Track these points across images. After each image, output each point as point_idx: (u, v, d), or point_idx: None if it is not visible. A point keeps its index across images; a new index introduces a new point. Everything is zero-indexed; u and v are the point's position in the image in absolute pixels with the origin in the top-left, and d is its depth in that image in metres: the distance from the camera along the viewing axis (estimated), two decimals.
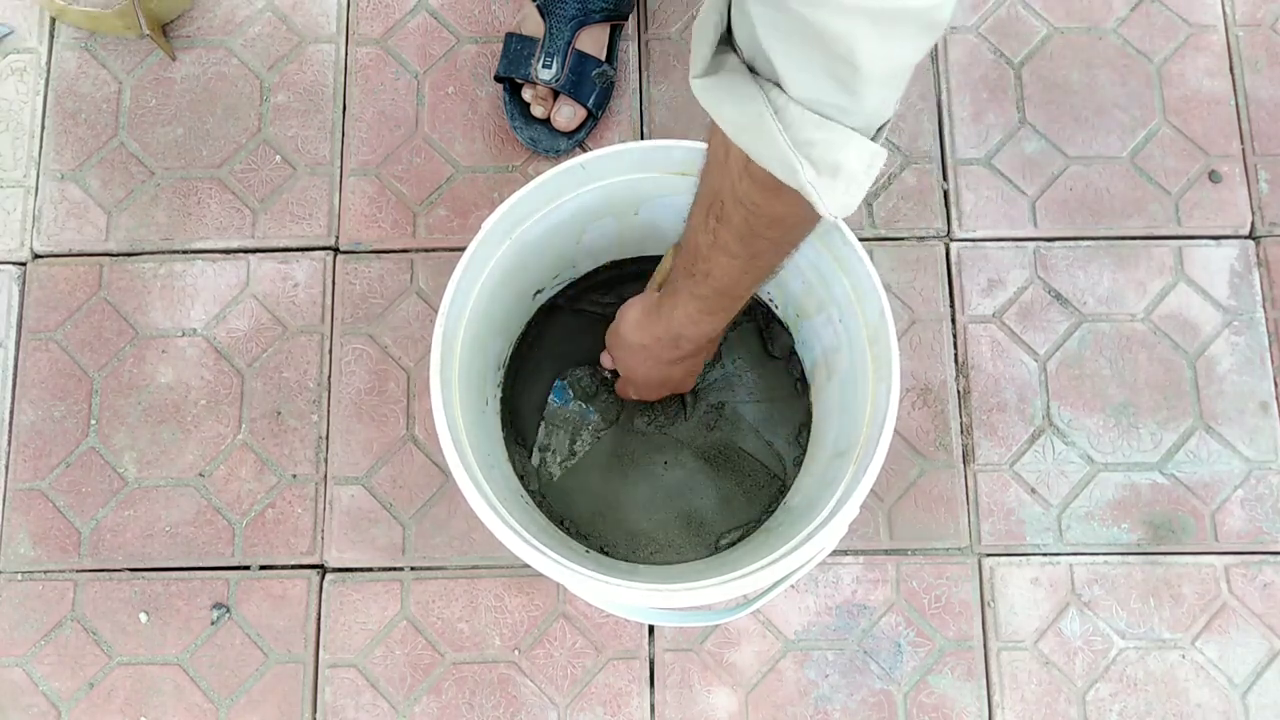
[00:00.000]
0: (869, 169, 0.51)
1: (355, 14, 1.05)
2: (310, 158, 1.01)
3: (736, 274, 0.64)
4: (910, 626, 0.91)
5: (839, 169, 0.50)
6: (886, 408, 0.69)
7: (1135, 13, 1.04)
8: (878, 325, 0.72)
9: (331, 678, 0.91)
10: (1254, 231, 0.99)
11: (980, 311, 0.97)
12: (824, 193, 0.51)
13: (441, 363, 0.71)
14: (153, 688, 0.91)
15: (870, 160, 0.51)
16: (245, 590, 0.93)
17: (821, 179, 0.50)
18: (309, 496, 0.94)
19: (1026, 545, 0.93)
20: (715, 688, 0.90)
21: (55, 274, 0.99)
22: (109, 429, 0.96)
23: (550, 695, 0.90)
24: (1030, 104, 1.02)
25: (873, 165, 0.51)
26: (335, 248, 1.00)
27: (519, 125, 0.99)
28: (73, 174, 1.02)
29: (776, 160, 0.51)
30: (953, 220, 0.99)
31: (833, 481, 0.73)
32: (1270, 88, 1.02)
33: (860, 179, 0.51)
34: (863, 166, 0.50)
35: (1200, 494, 0.94)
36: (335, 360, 0.97)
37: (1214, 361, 0.96)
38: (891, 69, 0.46)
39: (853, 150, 0.49)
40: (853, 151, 0.50)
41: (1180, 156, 1.01)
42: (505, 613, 0.92)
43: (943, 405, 0.95)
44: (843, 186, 0.51)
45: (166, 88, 1.04)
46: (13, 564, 0.94)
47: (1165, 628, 0.91)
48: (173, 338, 0.98)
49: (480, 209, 0.99)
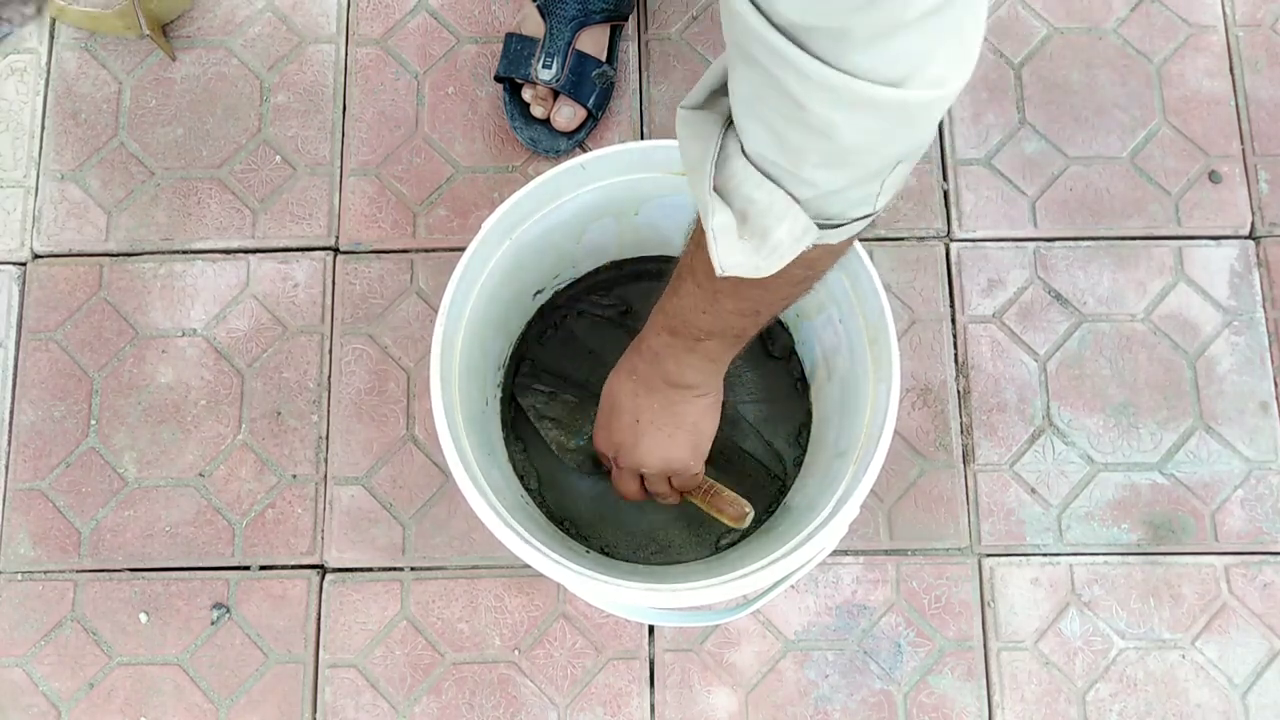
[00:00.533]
0: (796, 243, 0.50)
1: (355, 14, 1.05)
2: (310, 158, 1.01)
3: (745, 326, 0.63)
4: (910, 626, 0.91)
5: (767, 234, 0.50)
6: (887, 408, 0.69)
7: (1135, 13, 1.04)
8: (878, 325, 0.72)
9: (331, 678, 0.91)
10: (1254, 231, 0.99)
11: (980, 311, 0.97)
12: (725, 246, 0.51)
13: (441, 363, 0.71)
14: (153, 688, 0.91)
15: (801, 235, 0.50)
16: (245, 590, 0.93)
17: (742, 235, 0.50)
18: (309, 496, 0.94)
19: (1026, 545, 0.93)
20: (715, 688, 0.90)
21: (55, 274, 1.00)
22: (109, 429, 0.96)
23: (550, 695, 0.90)
24: (1030, 104, 1.02)
25: (802, 241, 0.50)
26: (335, 248, 1.00)
27: (519, 125, 0.99)
28: (73, 174, 1.02)
29: (699, 201, 0.51)
30: (953, 220, 0.99)
31: (833, 481, 0.73)
32: (1270, 88, 1.02)
33: (784, 251, 0.51)
34: (791, 240, 0.50)
35: (1200, 494, 0.94)
36: (335, 360, 0.97)
37: (1214, 361, 0.96)
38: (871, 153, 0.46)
39: (788, 222, 0.49)
40: (787, 223, 0.49)
41: (1180, 156, 1.01)
42: (505, 613, 0.92)
43: (943, 405, 0.95)
44: (759, 248, 0.50)
45: (166, 88, 1.04)
46: (13, 564, 0.94)
47: (1165, 628, 0.91)
48: (173, 338, 0.98)
49: (480, 209, 0.99)
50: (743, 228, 0.50)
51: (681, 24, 1.04)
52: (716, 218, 0.50)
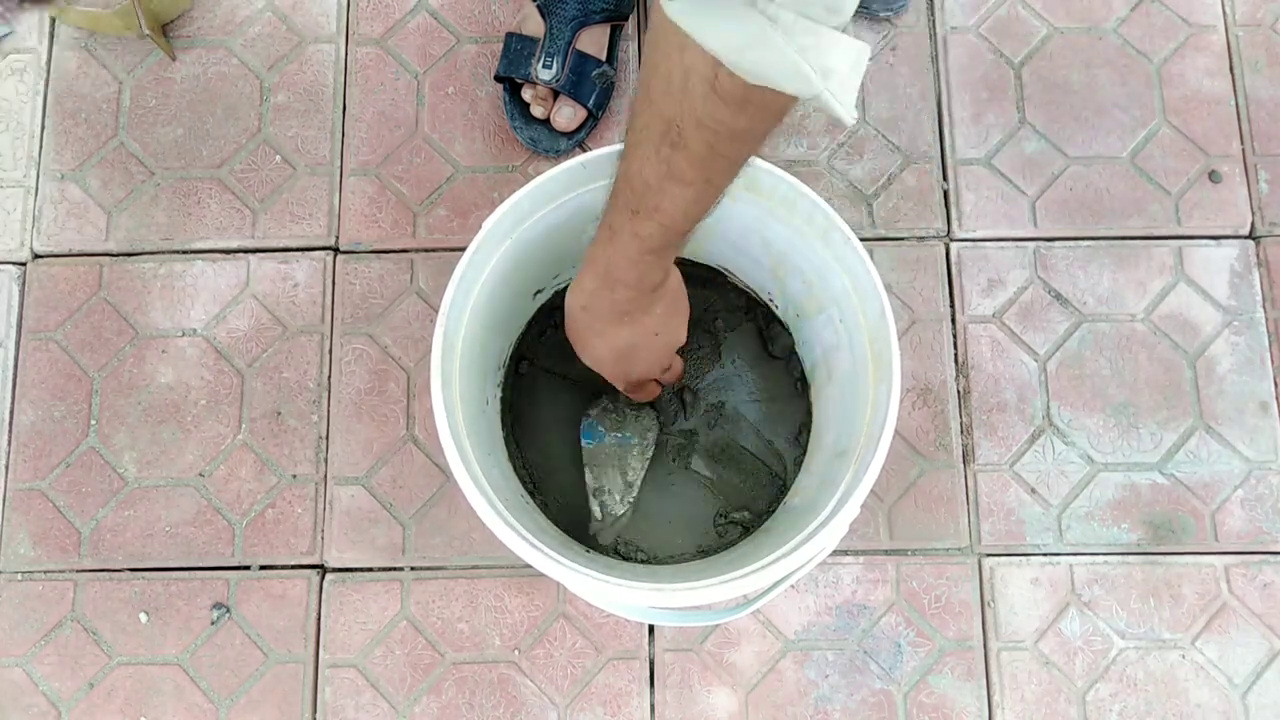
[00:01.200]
0: (855, 67, 0.50)
1: (355, 14, 1.05)
2: (310, 158, 1.01)
3: (689, 202, 0.61)
4: (910, 626, 0.91)
5: (830, 72, 0.49)
6: (887, 408, 0.69)
7: (1135, 13, 1.04)
8: (878, 325, 0.72)
9: (331, 678, 0.91)
10: (1254, 231, 0.99)
11: (980, 311, 0.97)
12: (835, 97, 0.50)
13: (442, 362, 0.71)
14: (153, 688, 0.91)
15: (856, 58, 0.50)
16: (245, 590, 0.93)
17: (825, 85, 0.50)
18: (309, 496, 0.94)
19: (1026, 545, 0.93)
20: (715, 688, 0.90)
21: (55, 274, 0.99)
22: (109, 429, 0.96)
23: (550, 695, 0.90)
24: (1030, 104, 1.02)
25: (859, 63, 0.50)
26: (335, 248, 1.00)
27: (519, 125, 0.99)
28: (73, 174, 1.02)
29: (785, 72, 0.49)
30: (953, 220, 0.99)
31: (833, 481, 0.73)
32: (1270, 88, 1.02)
33: (849, 79, 0.51)
34: (849, 66, 0.50)
35: (1200, 494, 0.94)
36: (335, 360, 0.97)
37: (1214, 361, 0.96)
38: None
39: (839, 51, 0.49)
40: (839, 52, 0.49)
41: (1180, 156, 1.01)
42: (505, 613, 0.92)
43: (943, 405, 0.95)
44: (838, 88, 0.50)
45: (166, 88, 1.04)
46: (13, 564, 0.94)
47: (1165, 628, 0.91)
48: (173, 338, 0.98)
49: (480, 209, 0.99)
50: None
51: None
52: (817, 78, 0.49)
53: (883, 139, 1.01)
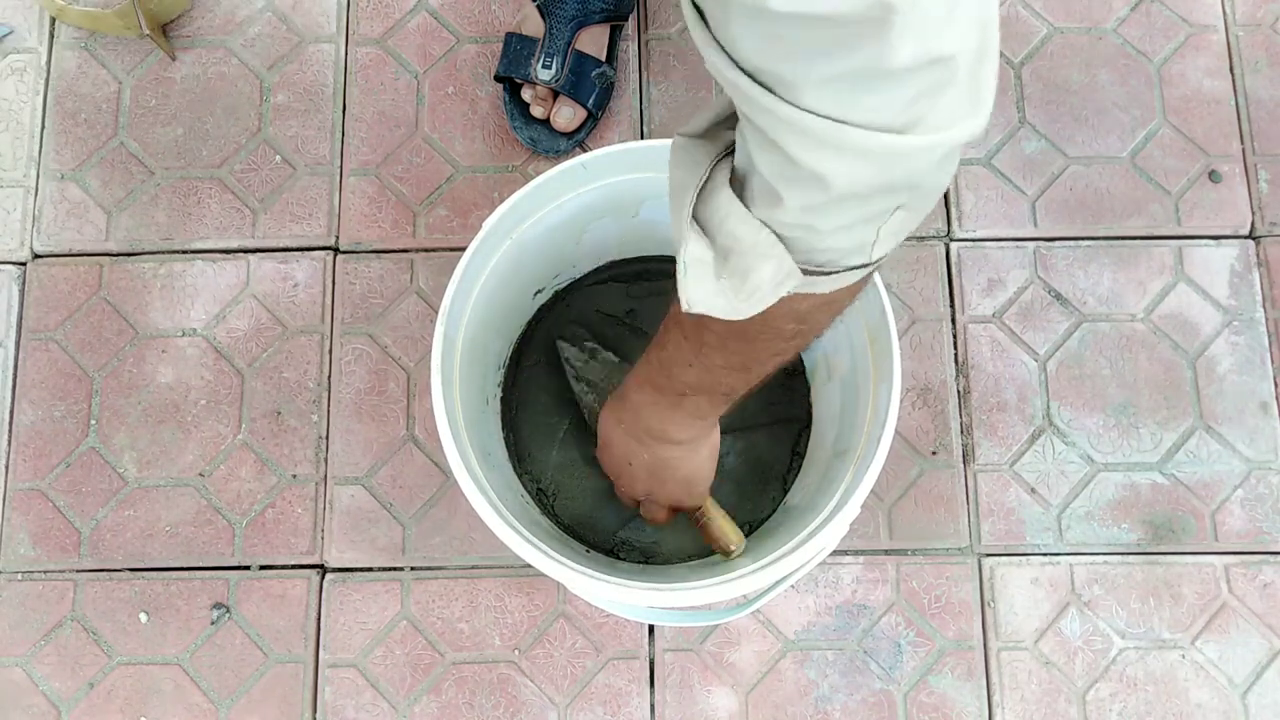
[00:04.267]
0: (778, 287, 0.47)
1: (355, 14, 1.05)
2: (310, 158, 1.01)
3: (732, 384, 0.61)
4: (910, 626, 0.91)
5: (748, 274, 0.47)
6: (887, 408, 0.69)
7: (1135, 13, 1.04)
8: (878, 325, 0.72)
9: (331, 678, 0.91)
10: (1254, 231, 0.99)
11: (980, 311, 0.97)
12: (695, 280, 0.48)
13: (442, 362, 0.71)
14: (153, 688, 0.91)
15: (784, 279, 0.47)
16: (245, 590, 0.93)
17: (721, 275, 0.48)
18: (309, 496, 0.94)
19: (1026, 545, 0.93)
20: (715, 688, 0.90)
21: (55, 274, 0.99)
22: (109, 429, 0.96)
23: (550, 695, 0.90)
24: (1030, 104, 1.02)
25: (784, 285, 0.47)
26: (335, 248, 1.00)
27: (519, 125, 0.99)
28: (73, 174, 1.02)
29: (675, 231, 0.48)
30: (953, 220, 0.99)
31: (833, 481, 0.73)
32: (1270, 88, 1.02)
33: (763, 295, 0.47)
34: (773, 283, 0.47)
35: (1200, 494, 0.94)
36: (335, 360, 0.97)
37: (1214, 361, 0.96)
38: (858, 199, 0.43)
39: (772, 263, 0.46)
40: (771, 265, 0.46)
41: (1180, 156, 1.01)
42: (505, 613, 0.92)
43: (943, 405, 0.95)
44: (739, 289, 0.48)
45: (166, 88, 1.04)
46: (13, 564, 0.94)
47: (1165, 628, 0.91)
48: (173, 338, 0.98)
49: (480, 209, 0.99)
50: (722, 266, 0.47)
51: (681, 24, 1.04)
52: (690, 249, 0.47)
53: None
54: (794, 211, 0.44)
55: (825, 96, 0.37)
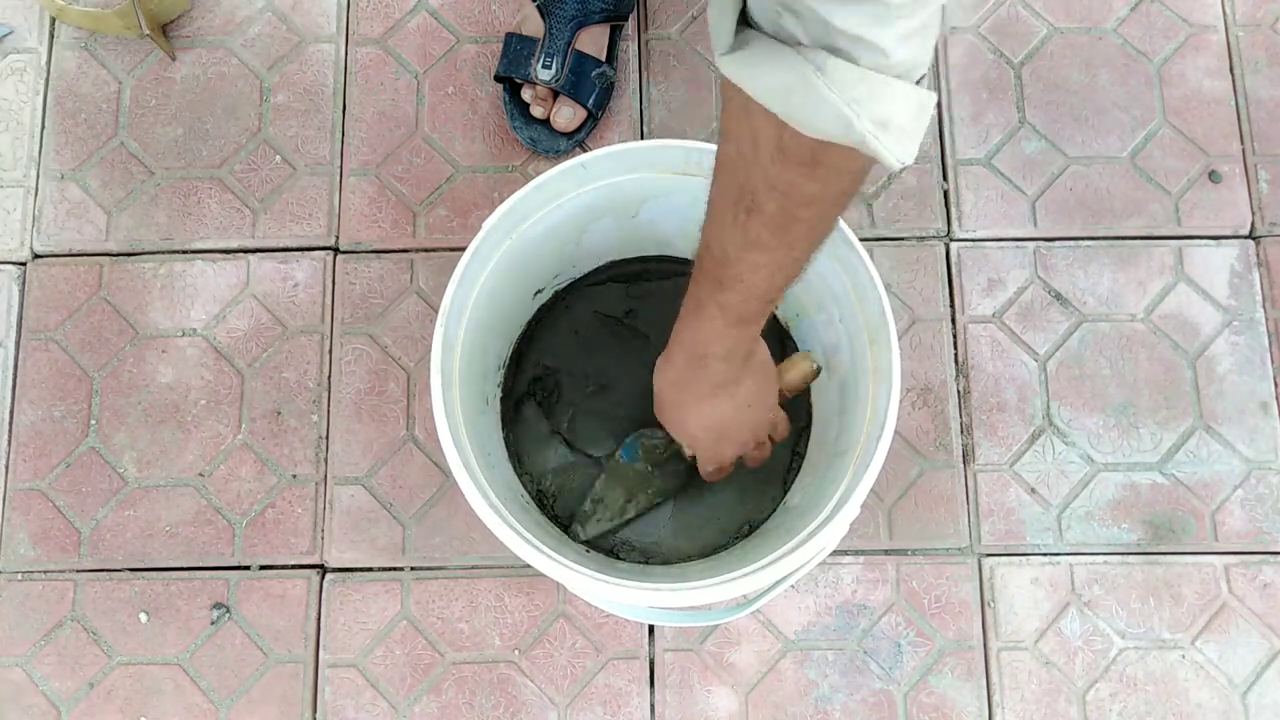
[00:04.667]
0: (918, 117, 0.48)
1: (355, 14, 1.05)
2: (310, 158, 1.01)
3: (771, 270, 0.60)
4: (910, 626, 0.91)
5: (888, 122, 0.47)
6: (887, 408, 0.69)
7: (1135, 13, 1.04)
8: (878, 325, 0.72)
9: (331, 678, 0.91)
10: (1254, 231, 0.99)
11: (980, 311, 0.97)
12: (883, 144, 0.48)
13: (442, 362, 0.71)
14: (153, 688, 0.91)
15: (919, 107, 0.48)
16: (245, 590, 0.93)
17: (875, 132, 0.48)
18: (309, 496, 0.94)
19: (1026, 545, 0.93)
20: (715, 688, 0.90)
21: (55, 274, 0.99)
22: (109, 429, 0.96)
23: (550, 695, 0.90)
24: (1030, 104, 1.02)
25: (922, 112, 0.48)
26: (335, 248, 1.00)
27: (519, 125, 0.99)
28: (73, 174, 1.02)
29: (830, 119, 0.48)
30: (953, 220, 0.99)
31: (833, 481, 0.73)
32: (1270, 88, 1.02)
33: (910, 128, 0.48)
34: (910, 115, 0.48)
35: (1200, 494, 0.94)
36: (335, 360, 0.97)
37: (1214, 361, 0.96)
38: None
39: (899, 99, 0.47)
40: (899, 101, 0.47)
41: (1180, 156, 1.01)
42: (505, 613, 0.92)
43: (943, 405, 0.95)
44: (894, 138, 0.48)
45: (166, 88, 1.04)
46: (13, 564, 0.94)
47: (1165, 628, 0.91)
48: (173, 338, 0.98)
49: (480, 209, 0.99)
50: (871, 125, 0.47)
51: (681, 24, 1.04)
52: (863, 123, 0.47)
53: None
54: None
55: None
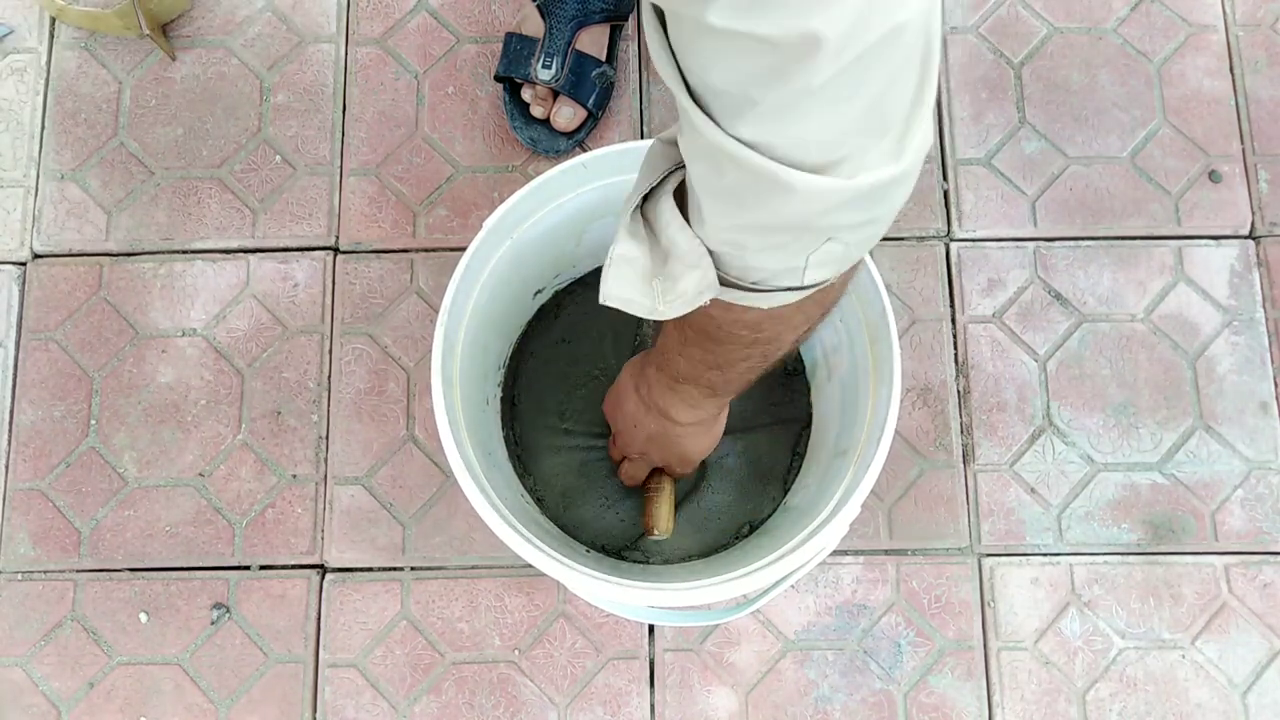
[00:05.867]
0: (698, 296, 0.49)
1: (355, 14, 1.05)
2: (310, 158, 1.01)
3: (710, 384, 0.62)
4: (910, 626, 0.91)
5: (676, 280, 0.48)
6: (887, 408, 0.69)
7: (1135, 13, 1.04)
8: (879, 325, 0.72)
9: (331, 678, 0.91)
10: (1254, 231, 0.99)
11: (980, 311, 0.97)
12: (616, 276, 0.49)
13: (442, 362, 0.71)
14: (153, 688, 0.91)
15: (703, 290, 0.49)
16: (245, 590, 0.93)
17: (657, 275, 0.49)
18: (309, 496, 0.94)
19: (1026, 545, 0.93)
20: (715, 688, 0.90)
21: (55, 274, 0.99)
22: (109, 429, 0.96)
23: (550, 695, 0.90)
24: (1030, 104, 1.02)
25: (702, 295, 0.49)
26: (335, 248, 1.00)
27: (519, 125, 0.99)
28: (73, 174, 1.02)
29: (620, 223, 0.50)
30: (953, 220, 0.99)
31: (833, 481, 0.73)
32: (1270, 88, 1.02)
33: (685, 301, 0.49)
34: (694, 292, 0.48)
35: (1200, 494, 0.94)
36: (335, 360, 0.97)
37: (1214, 361, 0.96)
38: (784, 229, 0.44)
39: (698, 273, 0.48)
40: (697, 274, 0.48)
41: (1180, 156, 1.01)
42: (505, 613, 0.92)
43: (943, 405, 0.95)
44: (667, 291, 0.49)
45: (166, 88, 1.04)
46: (13, 564, 0.94)
47: (1165, 628, 0.91)
48: (173, 338, 0.98)
49: (480, 209, 0.99)
50: (661, 267, 0.48)
51: None
52: (621, 247, 0.49)
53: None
54: (719, 228, 0.45)
55: (749, 124, 0.38)
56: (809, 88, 0.36)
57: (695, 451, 0.78)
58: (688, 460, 0.79)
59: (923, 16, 0.36)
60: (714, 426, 0.76)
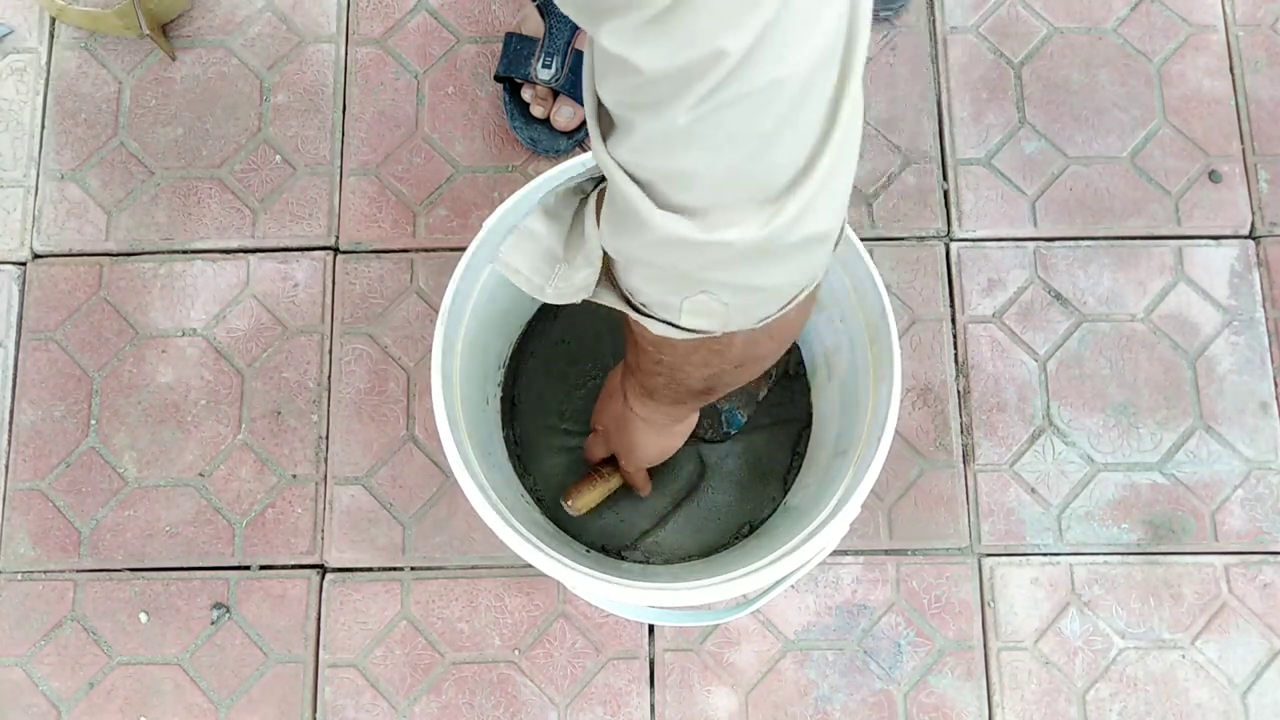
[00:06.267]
0: (577, 293, 0.50)
1: (355, 14, 1.05)
2: (310, 158, 1.01)
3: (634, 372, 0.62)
4: (910, 626, 0.91)
5: (575, 272, 0.49)
6: (887, 408, 0.69)
7: (1135, 13, 1.04)
8: (879, 325, 0.72)
9: (331, 678, 0.91)
10: (1254, 231, 0.99)
11: (980, 311, 0.97)
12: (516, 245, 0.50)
13: (442, 362, 0.71)
14: (153, 688, 0.91)
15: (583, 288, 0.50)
16: (245, 590, 0.93)
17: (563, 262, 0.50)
18: (309, 496, 0.94)
19: (1026, 545, 0.93)
20: (715, 688, 0.90)
21: (55, 274, 0.99)
22: (109, 429, 0.96)
23: (550, 695, 0.90)
24: (1030, 104, 1.02)
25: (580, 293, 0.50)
26: (335, 248, 1.00)
27: (519, 125, 0.99)
28: (73, 174, 1.02)
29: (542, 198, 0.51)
30: (953, 220, 0.99)
31: (833, 481, 0.73)
32: (1270, 88, 1.02)
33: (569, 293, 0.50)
34: (579, 287, 0.50)
35: (1200, 494, 0.94)
36: (335, 360, 0.97)
37: (1214, 361, 0.96)
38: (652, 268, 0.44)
39: (587, 271, 0.48)
40: (586, 272, 0.48)
41: (1180, 156, 1.01)
42: (505, 613, 0.92)
43: (943, 405, 0.95)
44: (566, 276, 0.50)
45: (166, 88, 1.04)
46: (13, 564, 0.94)
47: (1165, 628, 0.91)
48: (173, 338, 0.98)
49: (480, 209, 0.99)
50: (574, 255, 0.49)
51: None
52: (531, 220, 0.49)
53: (882, 139, 1.01)
54: (605, 237, 0.45)
55: (625, 147, 0.39)
56: (675, 125, 0.35)
57: (641, 445, 0.77)
58: (633, 452, 0.78)
59: (806, 73, 0.35)
60: (665, 433, 0.75)
